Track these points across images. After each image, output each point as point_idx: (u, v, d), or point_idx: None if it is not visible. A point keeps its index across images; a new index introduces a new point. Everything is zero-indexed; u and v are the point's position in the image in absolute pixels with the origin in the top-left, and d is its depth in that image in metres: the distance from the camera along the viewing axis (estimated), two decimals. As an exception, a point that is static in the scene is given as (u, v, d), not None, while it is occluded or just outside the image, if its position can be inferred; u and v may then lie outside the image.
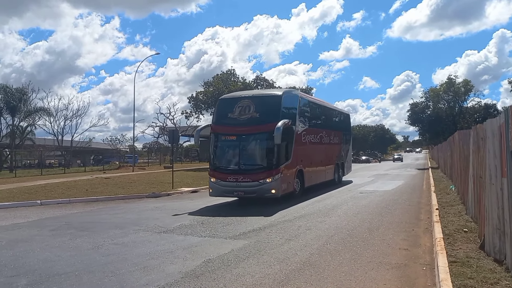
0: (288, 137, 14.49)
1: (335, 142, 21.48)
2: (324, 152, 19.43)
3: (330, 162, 20.55)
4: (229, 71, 48.74)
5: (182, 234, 9.23)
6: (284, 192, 14.15)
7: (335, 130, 21.67)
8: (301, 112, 16.40)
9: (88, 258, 7.26)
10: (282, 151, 14.03)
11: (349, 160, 25.26)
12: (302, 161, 15.91)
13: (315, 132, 18.13)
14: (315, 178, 17.92)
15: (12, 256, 7.57)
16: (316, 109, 19.03)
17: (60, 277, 6.14)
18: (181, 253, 7.45)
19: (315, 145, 17.95)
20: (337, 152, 21.86)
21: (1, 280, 6.05)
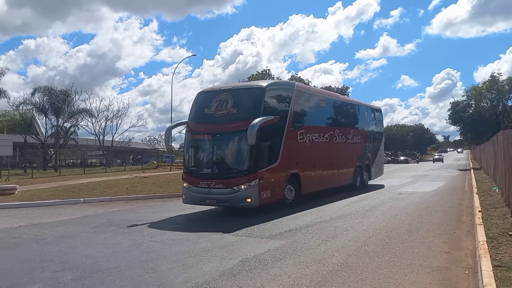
0: (274, 136, 12.59)
1: (356, 141, 18.92)
2: (337, 152, 16.92)
3: (347, 164, 18.04)
4: (264, 71, 48.94)
5: (219, 233, 9.32)
6: (266, 201, 12.03)
7: (356, 128, 19.13)
8: (298, 107, 14.29)
9: (129, 255, 7.48)
10: (262, 152, 12.09)
11: (379, 162, 22.21)
12: (298, 163, 13.69)
13: (321, 130, 15.71)
14: (321, 183, 15.44)
15: (58, 252, 7.89)
16: (323, 104, 16.31)
17: (103, 273, 6.35)
18: (218, 252, 7.55)
19: (321, 145, 15.51)
20: (358, 153, 19.31)
21: (48, 275, 6.33)
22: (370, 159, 20.68)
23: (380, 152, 22.35)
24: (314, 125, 15.26)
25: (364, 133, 20.00)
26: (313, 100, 15.53)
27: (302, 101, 14.68)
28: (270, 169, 12.31)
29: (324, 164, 15.78)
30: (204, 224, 10.68)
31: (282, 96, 13.58)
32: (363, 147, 19.89)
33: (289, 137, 13.37)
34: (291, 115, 13.55)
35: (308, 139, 14.66)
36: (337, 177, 17.07)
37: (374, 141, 21.11)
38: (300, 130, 14.19)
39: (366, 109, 21.20)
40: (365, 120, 20.56)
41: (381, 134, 22.67)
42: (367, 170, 20.39)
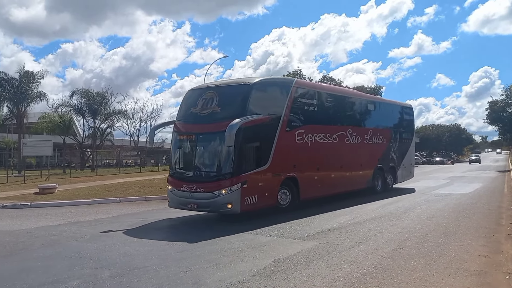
0: (263, 137, 11.72)
1: (376, 141, 17.35)
2: (349, 154, 15.45)
3: (363, 167, 16.60)
4: (296, 72, 48.87)
5: (252, 233, 9.39)
6: (252, 206, 11.19)
7: (376, 128, 17.45)
8: (297, 106, 13.08)
9: (164, 254, 7.63)
10: (247, 154, 11.27)
11: (408, 164, 20.34)
12: (295, 166, 12.72)
13: (327, 130, 14.39)
14: (327, 187, 14.20)
15: (96, 249, 8.15)
16: (332, 102, 14.99)
17: (139, 271, 6.51)
18: (251, 252, 7.60)
19: (327, 146, 14.28)
20: (379, 154, 17.74)
21: (87, 272, 6.55)
22: (396, 160, 19.00)
23: (409, 154, 20.42)
24: (318, 124, 13.98)
25: (386, 133, 18.36)
26: (317, 98, 14.14)
27: (303, 98, 13.43)
28: (258, 172, 11.42)
29: (331, 166, 14.61)
30: (234, 223, 10.75)
31: (275, 94, 12.65)
32: (386, 148, 18.29)
33: (284, 138, 12.35)
34: (286, 114, 12.54)
35: (310, 139, 13.47)
36: (349, 180, 15.64)
37: (400, 141, 19.38)
38: (298, 130, 13.02)
39: (391, 107, 19.76)
40: (389, 119, 18.95)
41: (410, 134, 20.77)
42: (392, 173, 18.77)
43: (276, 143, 12.01)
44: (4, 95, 34.03)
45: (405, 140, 20.03)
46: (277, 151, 11.96)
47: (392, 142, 18.76)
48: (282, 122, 12.36)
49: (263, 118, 11.68)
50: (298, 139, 13.03)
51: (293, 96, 12.96)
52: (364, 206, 13.70)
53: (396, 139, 19.02)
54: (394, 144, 18.85)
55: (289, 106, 12.70)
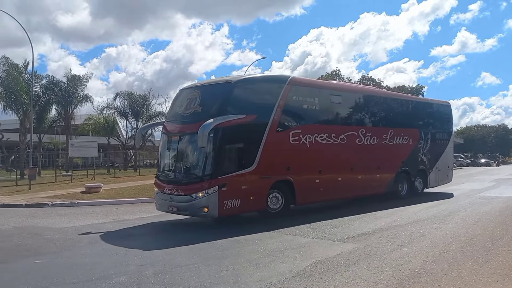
0: (247, 138, 11.16)
1: (399, 142, 16.02)
2: (362, 156, 14.34)
3: (381, 169, 15.27)
4: (334, 72, 48.43)
5: (291, 235, 9.41)
6: (233, 211, 10.75)
7: (399, 127, 16.08)
8: (292, 104, 12.34)
9: (205, 252, 7.79)
10: (227, 156, 10.86)
11: (443, 167, 18.49)
12: (290, 168, 12.02)
13: (332, 130, 13.47)
14: (333, 192, 13.42)
15: (140, 248, 8.38)
16: (338, 100, 14.05)
17: (182, 268, 6.68)
18: (290, 253, 7.62)
19: (332, 147, 13.38)
20: (404, 156, 16.34)
21: (132, 268, 6.78)
22: (427, 163, 17.48)
23: (445, 155, 18.72)
24: (321, 124, 13.17)
25: (413, 133, 16.92)
26: (319, 96, 13.30)
27: (300, 97, 12.60)
28: (241, 175, 10.88)
29: (338, 169, 13.66)
30: (272, 223, 10.77)
31: (263, 93, 11.96)
32: (413, 149, 16.83)
33: (274, 139, 11.66)
34: (277, 114, 11.83)
35: (310, 140, 12.64)
36: (362, 184, 14.42)
37: (433, 142, 17.84)
38: (293, 131, 12.25)
39: (419, 105, 18.42)
40: (417, 118, 17.48)
41: (447, 134, 19.04)
42: (421, 176, 17.33)
43: (264, 144, 11.39)
44: (53, 98, 35.55)
45: (440, 141, 18.46)
46: (265, 153, 11.35)
47: (422, 143, 17.29)
48: (272, 122, 11.69)
49: (246, 118, 11.00)
50: (294, 140, 12.25)
51: (288, 95, 12.21)
52: (406, 208, 13.39)
53: (427, 139, 17.53)
54: (424, 145, 17.37)
55: (281, 105, 11.97)
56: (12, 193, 19.61)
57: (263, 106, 11.70)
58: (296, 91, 12.53)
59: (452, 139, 19.82)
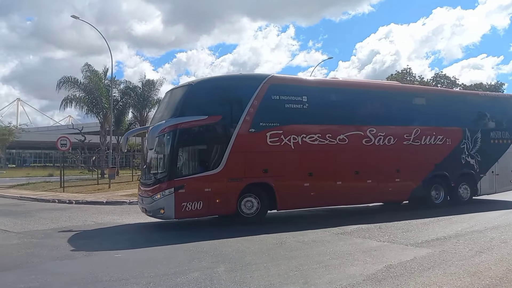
0: (211, 139, 11.04)
1: (430, 143, 14.10)
2: (372, 158, 13.03)
3: (402, 173, 13.46)
4: (404, 70, 46.62)
5: (360, 237, 9.24)
6: (194, 213, 10.75)
7: (428, 126, 14.19)
8: (270, 104, 11.70)
9: (274, 252, 7.88)
10: (185, 158, 10.87)
11: (504, 171, 15.77)
12: (268, 171, 11.50)
13: (327, 130, 12.44)
14: (329, 197, 12.46)
15: (211, 245, 8.68)
16: (333, 97, 13.11)
17: (251, 267, 6.82)
18: (360, 256, 7.49)
19: (328, 149, 12.38)
20: (437, 158, 14.23)
21: (205, 265, 7.05)
22: (475, 166, 15.06)
23: (505, 158, 15.92)
24: (311, 124, 12.31)
25: (453, 132, 14.74)
26: (310, 94, 12.40)
27: (281, 95, 11.95)
28: (203, 177, 10.75)
29: (336, 172, 12.55)
30: (338, 223, 10.62)
31: (231, 93, 11.61)
32: (452, 150, 14.64)
33: (245, 140, 11.28)
34: (250, 114, 11.32)
35: (295, 141, 11.85)
36: (373, 189, 13.06)
37: (486, 142, 15.32)
38: (272, 131, 11.58)
39: (466, 99, 16.18)
40: (460, 115, 15.08)
41: (509, 133, 16.14)
42: (468, 182, 14.93)
43: (232, 146, 11.05)
44: (130, 102, 37.68)
45: (498, 141, 15.79)
46: (233, 155, 11.04)
47: (467, 143, 14.93)
48: (243, 123, 11.24)
49: (207, 120, 10.91)
50: (272, 141, 11.58)
51: (265, 94, 11.64)
52: (485, 214, 12.61)
53: (475, 139, 15.09)
54: (470, 145, 14.98)
55: (255, 105, 11.43)
56: (94, 191, 21.08)
57: (231, 107, 11.38)
58: (275, 90, 11.91)
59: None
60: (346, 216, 12.65)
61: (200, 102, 11.20)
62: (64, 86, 33.04)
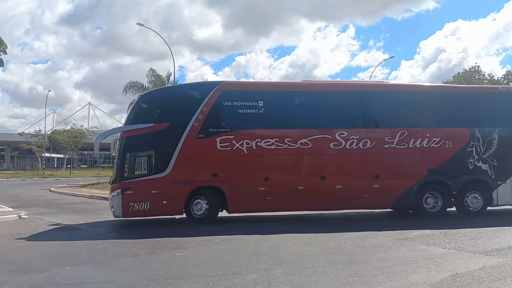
0: (159, 145, 11.81)
1: (422, 145, 12.62)
2: (344, 162, 12.44)
3: (382, 179, 12.37)
4: (473, 68, 44.06)
5: (424, 244, 8.85)
6: (142, 213, 11.51)
7: (421, 127, 12.81)
8: (221, 110, 12.20)
9: (333, 256, 7.76)
10: (133, 161, 12.02)
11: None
12: (218, 175, 11.81)
13: (286, 134, 12.16)
14: (289, 202, 12.16)
15: (268, 247, 8.71)
16: (294, 101, 12.89)
17: (309, 270, 6.75)
18: (424, 263, 7.17)
19: (288, 153, 12.15)
20: (432, 163, 12.70)
21: (262, 267, 7.08)
22: (490, 172, 12.86)
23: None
24: (267, 128, 12.24)
25: (456, 133, 12.98)
26: (267, 98, 12.37)
27: (234, 101, 12.20)
28: (150, 180, 11.63)
29: (296, 177, 12.25)
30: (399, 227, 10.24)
31: (179, 101, 12.41)
32: (455, 153, 12.83)
33: (193, 145, 11.78)
34: (198, 121, 11.80)
35: (248, 146, 11.91)
36: (344, 195, 12.26)
37: (505, 144, 13.03)
38: (222, 137, 11.88)
39: (474, 95, 14.08)
40: (466, 113, 13.21)
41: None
42: (480, 190, 12.86)
43: (179, 151, 11.66)
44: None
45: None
46: (180, 159, 11.64)
47: (476, 145, 12.90)
48: (190, 129, 11.75)
49: (154, 127, 11.72)
50: (223, 146, 11.85)
51: (215, 101, 12.03)
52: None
53: (489, 141, 12.93)
54: (480, 148, 12.89)
55: (204, 111, 11.87)
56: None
57: (179, 114, 12.05)
58: (228, 96, 12.23)
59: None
60: (408, 221, 12.15)
61: (147, 111, 12.32)
62: (130, 90, 34.64)
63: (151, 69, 35.99)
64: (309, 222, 12.87)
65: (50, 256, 8.19)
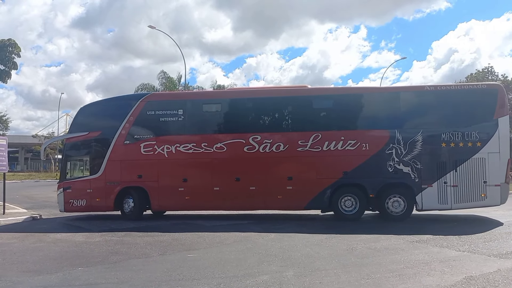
0: (92, 150, 13.86)
1: (336, 148, 12.57)
2: (257, 165, 12.83)
3: (295, 182, 12.65)
4: (486, 69, 43.60)
5: (437, 246, 8.75)
6: (80, 208, 13.54)
7: (336, 130, 12.84)
8: (145, 119, 13.42)
9: (344, 259, 7.70)
10: (69, 165, 14.31)
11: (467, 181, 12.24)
12: (142, 176, 13.31)
13: (203, 139, 13.09)
14: (207, 201, 13.11)
15: (279, 249, 8.69)
16: (215, 108, 13.57)
17: (321, 273, 6.72)
18: (437, 266, 7.09)
19: (204, 156, 13.02)
20: (346, 166, 12.63)
21: (274, 268, 7.07)
22: (413, 175, 12.40)
23: (469, 166, 12.27)
24: (184, 134, 13.32)
25: (373, 136, 12.77)
26: (186, 107, 13.44)
27: (156, 111, 13.40)
28: (85, 180, 13.63)
29: (212, 179, 13.07)
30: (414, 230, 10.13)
31: (109, 112, 14.07)
32: (372, 156, 12.57)
33: (121, 150, 13.38)
34: (125, 128, 13.39)
35: (168, 150, 13.15)
36: (257, 196, 12.81)
37: (431, 146, 12.51)
38: (145, 143, 13.28)
39: (387, 96, 13.49)
40: (387, 115, 12.88)
41: (478, 133, 12.33)
42: (403, 193, 12.52)
43: (109, 155, 13.40)
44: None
45: (455, 144, 12.37)
46: (110, 163, 13.38)
47: (396, 147, 12.51)
48: (118, 136, 13.37)
49: (88, 135, 13.71)
50: (146, 151, 13.25)
51: (140, 111, 13.45)
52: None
53: (411, 143, 12.43)
54: (401, 150, 12.44)
55: (130, 120, 13.41)
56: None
57: (110, 124, 13.66)
58: (151, 106, 13.51)
59: (504, 141, 12.27)
60: (421, 224, 12.05)
61: (84, 121, 14.07)
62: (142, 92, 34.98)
63: (162, 71, 36.37)
64: (319, 223, 12.82)
65: (63, 256, 8.26)
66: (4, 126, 66.14)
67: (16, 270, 7.16)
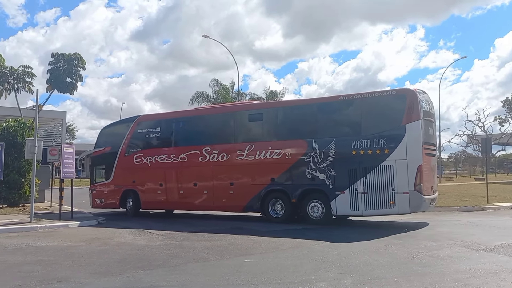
0: (107, 161, 17.47)
1: (265, 157, 13.83)
2: (208, 172, 15.04)
3: (235, 187, 14.42)
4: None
5: (507, 255, 8.25)
6: (100, 205, 17.53)
7: (264, 141, 14.18)
8: (137, 135, 16.99)
9: (405, 267, 7.45)
10: (96, 172, 18.19)
11: (378, 189, 12.24)
12: (135, 181, 16.64)
13: (171, 151, 16.00)
14: (177, 202, 16.14)
15: (337, 255, 8.56)
16: (177, 125, 16.59)
17: (381, 281, 6.54)
18: (507, 276, 6.69)
19: (172, 165, 15.87)
20: (274, 173, 13.76)
21: (331, 275, 6.97)
22: (328, 182, 12.86)
23: (379, 172, 12.26)
24: (160, 147, 16.40)
25: (294, 145, 13.65)
26: (162, 125, 16.62)
27: (144, 129, 16.85)
28: (103, 184, 17.51)
29: (179, 184, 15.84)
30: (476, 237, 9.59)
31: (116, 131, 17.99)
32: (294, 164, 13.51)
33: (122, 161, 16.95)
34: (125, 144, 16.96)
35: (150, 160, 16.24)
36: (209, 199, 15.13)
37: (343, 154, 12.80)
38: (136, 154, 16.59)
39: (304, 108, 14.29)
40: (304, 126, 13.81)
41: (386, 140, 12.27)
42: (321, 199, 13.09)
43: (116, 165, 17.08)
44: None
45: (364, 151, 12.48)
46: (117, 170, 17.08)
47: (312, 155, 13.10)
48: (121, 150, 16.98)
49: (104, 150, 17.67)
50: (137, 161, 16.51)
51: (134, 130, 16.99)
52: None
53: (326, 151, 12.92)
54: (317, 158, 13.02)
55: (128, 137, 16.99)
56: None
57: (117, 140, 17.25)
58: (141, 126, 16.96)
59: (413, 147, 11.99)
60: (485, 231, 11.42)
61: (102, 139, 18.27)
62: (197, 100, 36.01)
63: (214, 79, 37.10)
64: (376, 230, 12.47)
65: (127, 259, 8.62)
66: (71, 135, 70.37)
67: (83, 272, 7.56)
